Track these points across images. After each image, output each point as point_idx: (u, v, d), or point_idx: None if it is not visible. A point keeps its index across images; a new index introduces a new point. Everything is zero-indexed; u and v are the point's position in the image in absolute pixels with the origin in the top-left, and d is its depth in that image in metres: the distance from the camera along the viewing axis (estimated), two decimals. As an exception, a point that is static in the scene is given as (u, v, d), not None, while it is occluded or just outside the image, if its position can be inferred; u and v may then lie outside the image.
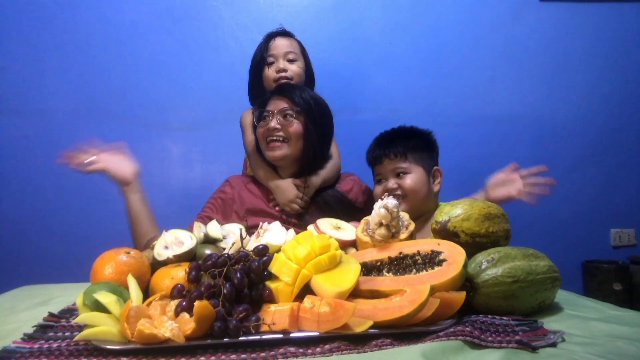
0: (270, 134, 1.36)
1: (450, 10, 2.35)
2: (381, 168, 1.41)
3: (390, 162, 1.39)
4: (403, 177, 1.37)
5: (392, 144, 1.41)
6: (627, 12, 2.40)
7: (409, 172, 1.37)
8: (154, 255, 0.92)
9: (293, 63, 1.67)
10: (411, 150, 1.39)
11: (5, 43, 2.15)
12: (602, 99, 2.40)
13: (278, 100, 1.39)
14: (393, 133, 1.47)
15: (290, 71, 1.65)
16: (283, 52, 1.66)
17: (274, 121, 1.36)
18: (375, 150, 1.44)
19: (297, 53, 1.70)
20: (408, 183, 1.36)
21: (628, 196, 2.41)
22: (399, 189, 1.36)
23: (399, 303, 0.69)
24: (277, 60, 1.66)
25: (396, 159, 1.38)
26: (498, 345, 0.63)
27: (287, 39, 1.71)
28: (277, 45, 1.68)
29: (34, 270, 2.08)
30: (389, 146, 1.41)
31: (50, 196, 2.16)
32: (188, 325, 0.65)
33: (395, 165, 1.38)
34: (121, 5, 2.21)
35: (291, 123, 1.36)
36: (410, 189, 1.36)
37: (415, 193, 1.36)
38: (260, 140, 1.41)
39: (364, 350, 0.64)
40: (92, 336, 0.67)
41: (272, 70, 1.65)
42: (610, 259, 2.35)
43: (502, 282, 0.75)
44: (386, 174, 1.40)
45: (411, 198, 1.36)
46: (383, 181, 1.41)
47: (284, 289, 0.74)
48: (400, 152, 1.39)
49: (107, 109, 2.19)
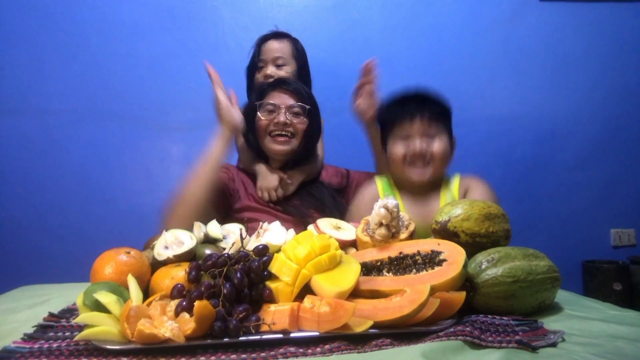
0: (279, 129, 1.37)
1: (450, 10, 2.35)
2: (410, 127, 1.29)
3: (422, 123, 1.28)
4: (432, 141, 1.28)
5: (427, 103, 1.31)
6: (627, 12, 2.40)
7: (438, 137, 1.29)
8: (154, 255, 0.92)
9: (281, 68, 1.66)
10: (443, 115, 1.31)
11: (5, 43, 2.15)
12: (602, 99, 2.40)
13: (283, 95, 1.39)
14: (420, 91, 1.36)
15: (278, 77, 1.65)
16: (272, 57, 1.66)
17: (283, 116, 1.36)
18: (407, 105, 1.31)
19: (288, 57, 1.68)
20: (437, 148, 1.27)
21: (628, 196, 2.41)
22: (427, 152, 1.27)
23: (399, 303, 0.69)
24: (266, 66, 1.65)
25: (429, 121, 1.28)
26: (498, 345, 0.63)
27: (279, 41, 1.69)
28: (267, 50, 1.67)
29: (34, 270, 2.08)
30: (422, 104, 1.30)
31: (50, 196, 2.16)
32: (188, 325, 0.65)
33: (428, 127, 1.28)
34: (121, 5, 2.21)
35: (300, 120, 1.38)
36: (439, 154, 1.27)
37: (442, 160, 1.29)
38: (260, 131, 1.41)
39: (364, 350, 0.64)
40: (92, 336, 0.67)
41: (260, 76, 1.65)
42: (610, 259, 2.35)
43: (502, 282, 0.75)
44: (414, 134, 1.28)
45: (437, 165, 1.29)
46: (408, 142, 1.30)
47: (284, 289, 0.74)
48: (436, 113, 1.29)
49: (107, 109, 2.19)
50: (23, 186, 2.15)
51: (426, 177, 1.29)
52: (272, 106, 1.38)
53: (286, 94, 1.40)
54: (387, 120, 1.36)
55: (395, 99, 1.37)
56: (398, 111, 1.32)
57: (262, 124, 1.39)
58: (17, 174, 2.15)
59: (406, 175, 1.31)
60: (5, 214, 2.14)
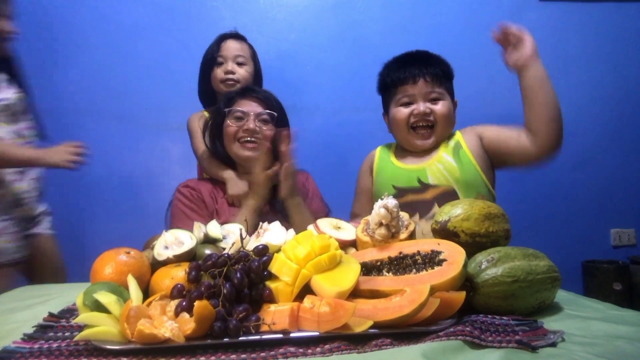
0: (248, 135, 1.37)
1: (450, 11, 2.35)
2: (413, 89, 1.27)
3: (425, 85, 1.26)
4: (436, 103, 1.26)
5: (429, 64, 1.28)
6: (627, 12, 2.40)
7: (442, 99, 1.27)
8: (154, 255, 0.92)
9: (242, 66, 1.71)
10: (446, 76, 1.29)
11: (5, 43, 2.15)
12: (602, 99, 2.40)
13: (251, 103, 1.40)
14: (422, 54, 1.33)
15: (238, 74, 1.69)
16: (233, 54, 1.70)
17: (252, 123, 1.36)
18: (409, 67, 1.28)
19: (247, 57, 1.73)
20: (442, 110, 1.26)
21: (628, 196, 2.41)
22: (431, 114, 1.25)
23: (399, 303, 0.69)
24: (226, 62, 1.69)
25: (432, 83, 1.26)
26: (498, 345, 0.63)
27: (238, 42, 1.75)
28: (228, 47, 1.71)
29: (34, 270, 2.08)
30: (425, 65, 1.27)
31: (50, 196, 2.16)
32: (188, 325, 0.65)
33: (431, 88, 1.26)
34: (121, 6, 2.21)
35: (268, 127, 1.39)
36: (443, 117, 1.25)
37: (446, 122, 1.27)
38: (228, 138, 1.40)
39: (364, 350, 0.64)
40: (92, 336, 0.67)
41: (220, 71, 1.69)
42: (610, 259, 2.35)
43: (502, 282, 0.75)
44: (417, 96, 1.26)
45: (440, 127, 1.27)
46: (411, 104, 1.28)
47: (284, 289, 0.74)
48: (439, 75, 1.26)
49: (107, 109, 2.19)
50: (23, 186, 2.14)
51: (429, 144, 1.29)
52: (241, 113, 1.39)
53: (255, 102, 1.40)
54: (389, 84, 1.33)
55: (396, 61, 1.34)
56: (400, 74, 1.29)
57: (230, 131, 1.39)
58: (17, 174, 2.14)
59: (410, 141, 1.31)
60: (5, 214, 2.14)
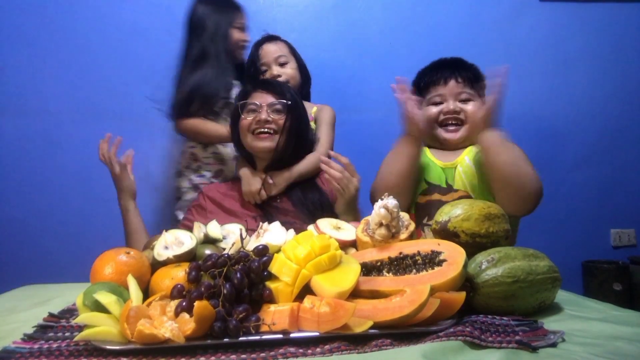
0: (261, 126, 1.37)
1: (450, 11, 2.35)
2: (444, 89, 1.34)
3: (456, 85, 1.33)
4: (466, 103, 1.32)
5: (461, 67, 1.36)
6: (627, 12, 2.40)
7: (472, 100, 1.33)
8: (154, 255, 0.92)
9: (285, 66, 1.69)
10: (477, 80, 1.35)
11: (5, 43, 2.15)
12: (602, 99, 2.40)
13: (264, 94, 1.41)
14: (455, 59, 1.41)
15: (285, 75, 1.68)
16: (273, 57, 1.69)
17: (264, 113, 1.37)
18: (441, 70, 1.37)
19: (287, 55, 1.72)
20: (472, 109, 1.31)
21: (628, 196, 2.41)
22: (461, 112, 1.32)
23: (399, 303, 0.69)
24: (269, 68, 1.67)
25: (463, 83, 1.33)
26: (498, 345, 0.63)
27: (274, 43, 1.73)
28: (266, 53, 1.70)
29: (34, 270, 2.08)
30: (457, 68, 1.36)
31: (50, 196, 2.16)
32: (188, 325, 0.65)
33: (462, 89, 1.33)
34: (121, 6, 2.21)
35: (281, 117, 1.39)
36: (473, 115, 1.30)
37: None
38: (243, 132, 1.41)
39: (364, 350, 0.64)
40: (92, 336, 0.67)
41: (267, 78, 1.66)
42: (610, 259, 2.35)
43: (502, 282, 0.75)
44: (448, 96, 1.33)
45: (470, 125, 1.31)
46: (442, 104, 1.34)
47: (284, 289, 0.74)
48: (470, 77, 1.34)
49: (107, 109, 2.19)
50: (23, 186, 2.15)
51: (458, 137, 1.33)
52: (253, 105, 1.39)
53: (267, 93, 1.41)
54: (422, 87, 1.40)
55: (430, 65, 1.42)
56: (432, 75, 1.37)
57: (244, 123, 1.40)
58: (17, 174, 2.15)
59: (438, 135, 1.35)
60: (5, 213, 2.14)
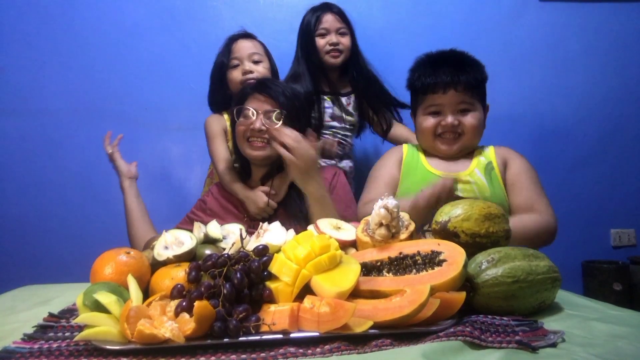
0: (254, 135, 1.33)
1: (450, 10, 2.34)
2: (442, 98, 1.21)
3: (456, 95, 1.19)
4: (465, 114, 1.21)
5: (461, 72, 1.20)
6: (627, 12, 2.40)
7: (472, 110, 1.21)
8: (154, 255, 0.92)
9: (258, 64, 1.67)
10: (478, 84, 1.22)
11: (5, 43, 2.15)
12: (602, 99, 2.40)
13: (260, 98, 1.35)
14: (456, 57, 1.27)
15: (257, 72, 1.65)
16: (247, 53, 1.66)
17: (259, 122, 1.31)
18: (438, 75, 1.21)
19: (262, 54, 1.71)
20: (470, 121, 1.21)
21: (628, 196, 2.41)
22: (459, 126, 1.20)
23: (399, 303, 0.69)
24: (242, 63, 1.66)
25: (464, 92, 1.19)
26: (498, 345, 0.63)
27: (250, 40, 1.72)
28: (240, 48, 1.68)
29: (34, 270, 2.08)
30: (457, 74, 1.20)
31: (50, 196, 2.16)
32: (188, 325, 0.65)
33: (462, 99, 1.20)
34: (121, 6, 2.21)
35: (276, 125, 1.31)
36: (472, 128, 1.21)
37: (474, 133, 1.22)
38: (238, 137, 1.37)
39: (364, 350, 0.64)
40: (92, 336, 0.67)
41: (237, 73, 1.65)
42: (610, 259, 2.35)
43: (502, 282, 0.75)
44: (447, 106, 1.21)
45: (467, 138, 1.23)
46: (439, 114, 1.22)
47: (284, 289, 0.74)
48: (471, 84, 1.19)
49: (107, 109, 2.19)
50: (23, 186, 2.15)
51: (454, 150, 1.25)
52: (248, 110, 1.34)
53: (265, 99, 1.34)
54: (419, 90, 1.27)
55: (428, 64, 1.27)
56: (430, 80, 1.22)
57: (239, 130, 1.36)
58: (17, 174, 2.15)
59: (435, 147, 1.27)
60: (5, 213, 2.14)
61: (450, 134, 1.23)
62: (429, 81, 1.23)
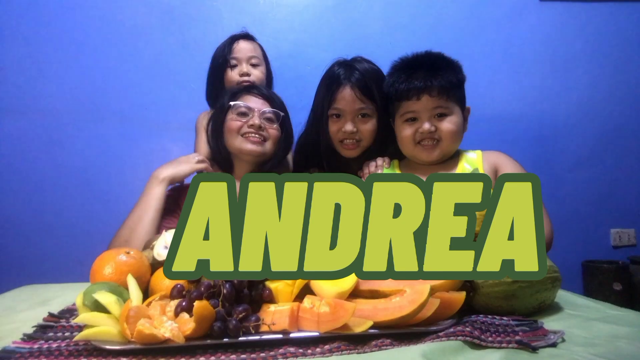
0: (254, 130, 1.34)
1: (451, 10, 2.34)
2: (417, 105, 1.18)
3: (430, 100, 1.16)
4: (442, 119, 1.18)
5: (434, 76, 1.17)
6: (627, 12, 2.40)
7: (448, 114, 1.19)
8: (154, 255, 0.92)
9: (256, 67, 1.69)
10: (454, 87, 1.18)
11: (5, 43, 2.15)
12: (602, 99, 2.40)
13: (258, 99, 1.39)
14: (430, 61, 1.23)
15: (253, 75, 1.66)
16: (247, 55, 1.67)
17: (258, 119, 1.34)
18: (411, 81, 1.18)
19: (260, 58, 1.71)
20: (447, 127, 1.18)
21: (628, 196, 2.41)
22: (436, 132, 1.18)
23: (399, 303, 0.69)
24: (240, 64, 1.66)
25: (438, 97, 1.16)
26: (498, 345, 0.63)
27: (250, 42, 1.72)
28: (241, 49, 1.68)
29: (34, 270, 2.08)
30: (430, 78, 1.17)
31: (50, 196, 2.16)
32: (188, 325, 0.65)
33: (437, 104, 1.17)
34: (121, 6, 2.21)
35: (272, 126, 1.38)
36: (449, 134, 1.18)
37: (452, 139, 1.20)
38: (231, 133, 1.36)
39: (364, 350, 0.64)
40: (92, 336, 0.67)
41: (235, 73, 1.65)
42: (610, 259, 2.35)
43: (502, 282, 0.75)
44: (422, 112, 1.18)
45: (445, 144, 1.20)
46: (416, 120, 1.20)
47: (284, 289, 0.75)
48: (445, 88, 1.16)
49: (107, 109, 2.19)
50: (23, 186, 2.15)
51: (434, 157, 1.23)
52: (246, 109, 1.36)
53: (260, 99, 1.39)
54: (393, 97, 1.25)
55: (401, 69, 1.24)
56: (404, 86, 1.19)
57: (234, 125, 1.35)
58: (17, 174, 2.15)
59: (417, 155, 1.25)
60: (5, 214, 2.14)
61: (429, 140, 1.21)
62: (402, 87, 1.19)
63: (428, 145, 1.23)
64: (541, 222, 0.66)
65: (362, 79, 1.33)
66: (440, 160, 1.27)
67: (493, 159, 1.28)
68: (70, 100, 2.18)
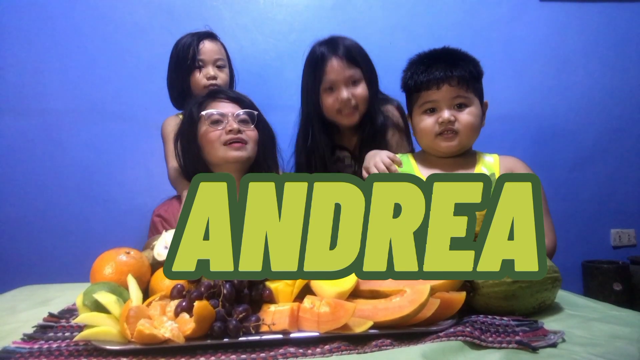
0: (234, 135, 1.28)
1: (450, 11, 2.34)
2: (437, 94, 1.18)
3: (450, 90, 1.17)
4: (461, 110, 1.18)
5: (456, 66, 1.18)
6: (627, 12, 2.40)
7: (468, 104, 1.19)
8: (154, 255, 0.92)
9: (222, 70, 1.64)
10: (473, 78, 1.19)
11: (5, 43, 2.15)
12: (602, 99, 2.40)
13: (226, 104, 1.33)
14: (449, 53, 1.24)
15: (220, 78, 1.61)
16: (213, 58, 1.62)
17: (234, 123, 1.28)
18: (431, 71, 1.19)
19: (225, 59, 1.66)
20: (467, 118, 1.17)
21: (628, 196, 2.41)
22: (455, 123, 1.18)
23: (399, 303, 0.69)
24: (206, 66, 1.61)
25: (459, 87, 1.17)
26: (498, 345, 0.63)
27: (215, 43, 1.67)
28: (206, 50, 1.63)
29: (34, 270, 2.08)
30: (451, 68, 1.18)
31: (50, 196, 2.16)
32: (188, 325, 0.65)
33: (457, 93, 1.17)
34: (121, 6, 2.21)
35: (249, 128, 1.32)
36: (469, 125, 1.17)
37: (471, 130, 1.19)
38: (211, 144, 1.29)
39: (364, 350, 0.64)
40: (92, 336, 0.66)
41: (202, 76, 1.60)
42: (610, 259, 2.35)
43: (502, 283, 0.75)
44: (442, 102, 1.18)
45: (464, 136, 1.19)
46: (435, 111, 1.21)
47: (284, 289, 0.74)
48: (465, 78, 1.17)
49: (107, 109, 2.19)
50: (23, 186, 2.15)
51: (453, 146, 1.21)
52: (219, 116, 1.29)
53: (229, 102, 1.32)
54: (412, 88, 1.25)
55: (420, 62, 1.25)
56: (423, 77, 1.20)
57: (213, 135, 1.29)
58: (17, 174, 2.15)
59: (436, 146, 1.24)
60: (5, 213, 2.14)
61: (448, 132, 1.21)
62: (422, 78, 1.20)
63: (448, 136, 1.22)
64: (541, 222, 0.66)
65: (345, 49, 1.45)
66: (458, 152, 1.25)
67: (510, 164, 1.28)
68: (70, 100, 2.18)
